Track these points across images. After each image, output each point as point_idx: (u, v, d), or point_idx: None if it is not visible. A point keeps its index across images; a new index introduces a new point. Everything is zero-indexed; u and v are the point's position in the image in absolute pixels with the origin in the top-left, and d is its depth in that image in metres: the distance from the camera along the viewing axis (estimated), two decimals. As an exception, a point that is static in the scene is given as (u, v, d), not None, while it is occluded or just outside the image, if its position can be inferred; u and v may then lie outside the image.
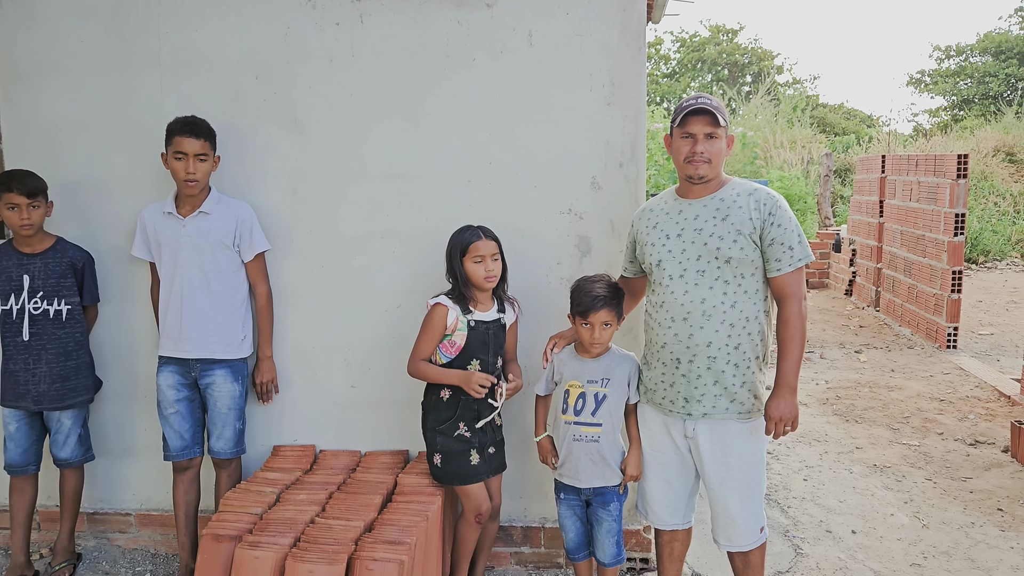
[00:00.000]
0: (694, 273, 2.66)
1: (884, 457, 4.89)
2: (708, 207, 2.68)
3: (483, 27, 3.25)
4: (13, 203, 3.14)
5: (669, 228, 2.74)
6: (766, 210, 2.62)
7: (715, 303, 2.63)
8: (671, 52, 31.02)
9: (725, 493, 2.74)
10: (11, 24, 3.41)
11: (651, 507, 2.92)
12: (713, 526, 2.86)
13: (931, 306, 7.88)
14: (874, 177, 9.67)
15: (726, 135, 2.68)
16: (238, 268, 3.30)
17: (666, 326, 2.70)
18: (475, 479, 3.05)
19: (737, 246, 2.61)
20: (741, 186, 2.70)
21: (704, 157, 2.62)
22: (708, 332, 2.63)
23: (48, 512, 3.69)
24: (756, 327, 2.66)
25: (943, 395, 6.14)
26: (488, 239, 2.96)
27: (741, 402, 2.67)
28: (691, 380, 2.68)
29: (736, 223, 2.62)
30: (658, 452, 2.85)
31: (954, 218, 7.49)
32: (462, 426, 3.02)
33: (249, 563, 2.66)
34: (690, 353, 2.66)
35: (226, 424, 3.29)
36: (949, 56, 25.99)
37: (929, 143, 17.11)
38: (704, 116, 2.61)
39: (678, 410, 2.72)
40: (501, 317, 3.06)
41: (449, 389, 3.01)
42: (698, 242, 2.66)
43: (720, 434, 2.70)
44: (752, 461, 2.73)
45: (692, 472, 2.84)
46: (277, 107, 3.36)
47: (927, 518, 4.05)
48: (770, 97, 20.20)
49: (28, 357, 3.25)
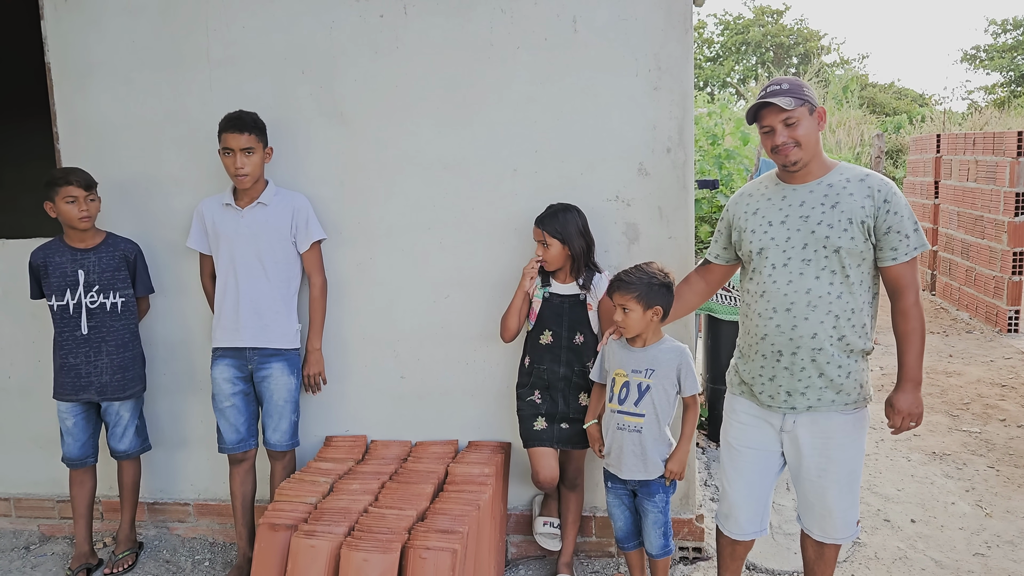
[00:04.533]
0: (799, 262, 2.54)
1: (944, 444, 4.76)
2: (815, 193, 2.55)
3: (526, 14, 3.22)
4: (72, 196, 3.22)
5: (772, 215, 2.61)
6: (880, 197, 2.48)
7: (821, 293, 2.51)
8: (715, 35, 30.54)
9: (824, 485, 2.62)
10: (65, 27, 3.49)
11: (732, 513, 2.79)
12: (805, 519, 2.74)
13: (991, 289, 7.64)
14: (928, 157, 9.40)
15: (812, 111, 2.52)
16: (294, 259, 3.34)
17: (767, 316, 2.59)
18: (535, 443, 3.13)
19: (848, 235, 2.48)
20: (851, 171, 2.56)
21: (789, 144, 2.50)
22: (813, 323, 2.52)
23: (110, 502, 3.79)
24: (862, 319, 2.55)
25: (1005, 380, 5.96)
26: (538, 226, 3.08)
27: (847, 393, 2.56)
28: (794, 373, 2.56)
29: (847, 211, 2.48)
30: (746, 448, 2.72)
31: (1015, 197, 7.24)
32: (536, 393, 3.14)
33: (305, 551, 2.70)
34: (793, 345, 2.55)
35: (282, 417, 3.34)
36: (1006, 30, 25.13)
37: (984, 121, 16.57)
38: (771, 107, 2.49)
39: (779, 404, 2.61)
40: (581, 294, 3.10)
41: (528, 357, 3.17)
42: (804, 230, 2.53)
43: (823, 426, 2.59)
44: (854, 453, 2.62)
45: (776, 472, 2.73)
46: (323, 100, 3.39)
47: (990, 507, 3.93)
48: (818, 79, 19.78)
49: (89, 350, 3.34)
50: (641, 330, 2.81)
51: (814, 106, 2.53)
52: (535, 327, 3.13)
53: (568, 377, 3.09)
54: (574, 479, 3.24)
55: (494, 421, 3.48)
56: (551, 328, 3.11)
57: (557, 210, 3.08)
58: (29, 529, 3.90)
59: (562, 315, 3.10)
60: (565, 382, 3.10)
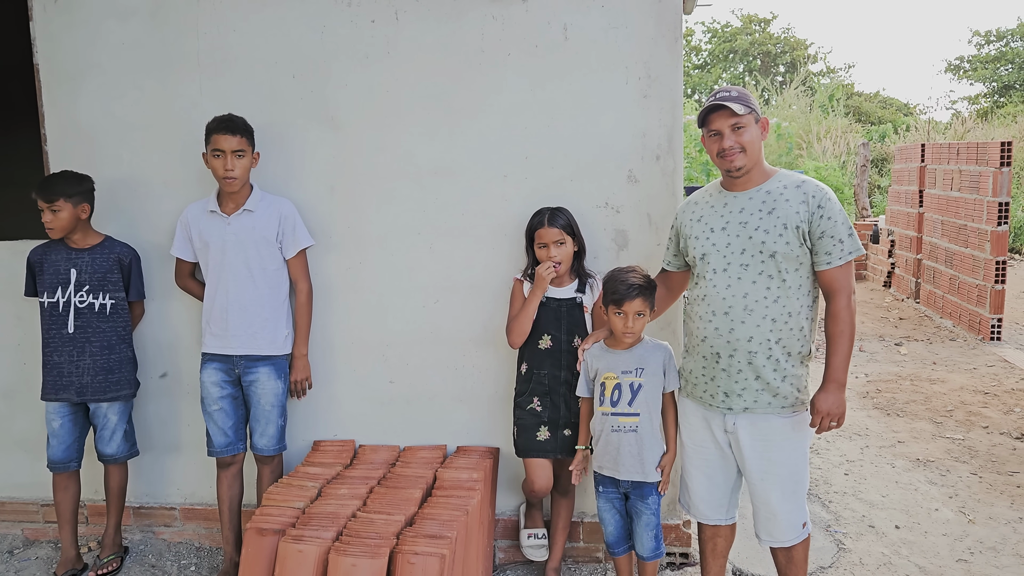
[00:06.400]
0: (738, 267, 2.62)
1: (927, 451, 4.81)
2: (754, 200, 2.64)
3: (518, 21, 3.24)
4: (40, 207, 3.25)
5: (714, 221, 2.70)
6: (815, 202, 2.56)
7: (757, 298, 2.59)
8: (702, 43, 30.72)
9: (766, 488, 2.70)
10: (54, 27, 3.47)
11: (692, 501, 2.89)
12: (755, 522, 2.83)
13: (974, 297, 7.73)
14: (913, 166, 9.49)
15: (756, 120, 2.62)
16: (281, 265, 3.33)
17: (707, 320, 2.67)
18: (538, 454, 3.13)
19: (783, 240, 2.56)
20: (788, 178, 2.65)
21: (736, 148, 2.58)
22: (749, 327, 2.60)
23: (96, 506, 3.77)
24: (799, 322, 2.61)
25: (987, 388, 6.02)
26: (551, 226, 3.05)
27: (784, 396, 2.63)
28: (731, 375, 2.64)
29: (783, 216, 2.57)
30: (698, 446, 2.82)
31: (997, 207, 7.33)
32: (535, 401, 3.12)
33: (293, 556, 2.69)
34: (730, 348, 2.63)
35: (269, 421, 3.33)
36: (989, 41, 25.44)
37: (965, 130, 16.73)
38: (723, 111, 2.57)
39: (718, 404, 2.69)
40: (578, 296, 3.11)
41: (525, 363, 3.15)
42: (743, 236, 2.62)
43: (761, 428, 2.66)
44: (794, 456, 2.69)
45: (733, 467, 2.80)
46: (314, 105, 3.39)
47: (973, 513, 3.97)
48: (804, 87, 19.92)
49: (72, 349, 3.32)
50: (641, 333, 2.87)
51: (759, 116, 2.64)
52: (533, 332, 3.12)
53: (569, 381, 3.10)
54: (567, 486, 3.24)
55: (483, 426, 3.49)
56: (550, 332, 3.11)
57: (555, 209, 3.10)
58: (13, 533, 3.86)
59: (560, 319, 3.11)
60: (566, 386, 3.10)
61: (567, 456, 3.14)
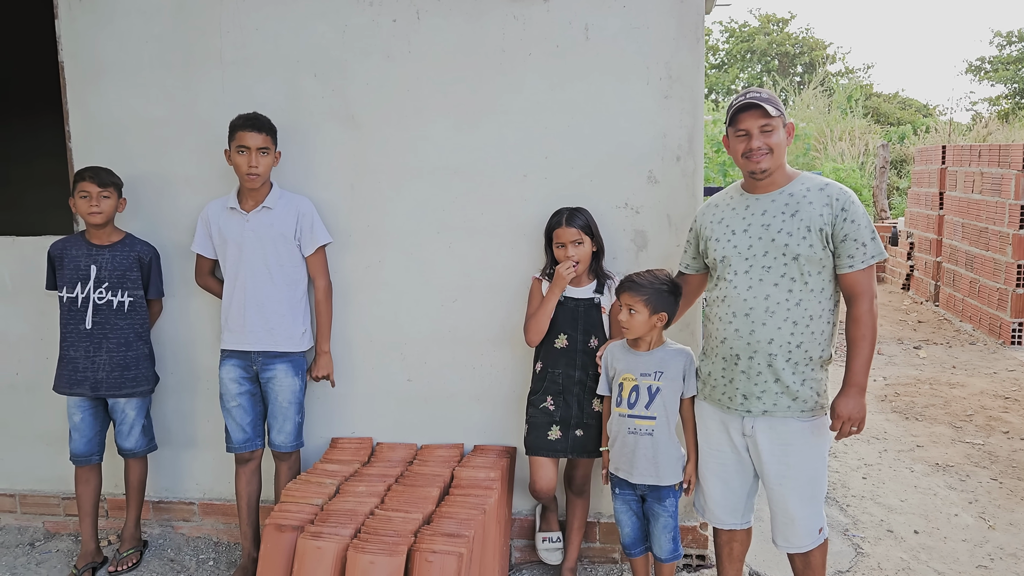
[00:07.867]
0: (759, 269, 2.61)
1: (947, 456, 4.77)
2: (776, 202, 2.63)
3: (539, 21, 3.24)
4: (85, 191, 3.26)
5: (735, 223, 2.69)
6: (839, 205, 2.55)
7: (779, 300, 2.58)
8: (720, 43, 30.58)
9: (784, 493, 2.68)
10: (79, 26, 3.50)
11: (708, 506, 2.88)
12: (772, 527, 2.81)
13: (994, 301, 7.65)
14: (934, 168, 9.41)
15: (783, 124, 2.62)
16: (300, 262, 3.35)
17: (727, 321, 2.66)
18: (545, 453, 3.12)
19: (806, 243, 2.55)
20: (811, 180, 2.63)
21: (763, 150, 2.57)
22: (770, 329, 2.58)
23: (115, 500, 3.80)
24: (820, 326, 2.60)
25: (1008, 392, 5.96)
26: (570, 226, 3.05)
27: (803, 400, 2.61)
28: (751, 377, 2.63)
29: (806, 219, 2.56)
30: (715, 450, 2.80)
31: (1019, 210, 7.25)
32: (549, 399, 3.12)
33: (311, 553, 2.70)
34: (750, 350, 2.61)
35: (287, 418, 3.35)
36: (1011, 42, 25.17)
37: (987, 132, 16.56)
38: (755, 111, 2.56)
39: (736, 407, 2.68)
40: (596, 297, 3.11)
41: (540, 362, 3.15)
42: (765, 238, 2.61)
43: (780, 432, 2.65)
44: (813, 461, 2.68)
45: (750, 472, 2.79)
46: (335, 104, 3.40)
47: (993, 519, 3.94)
48: (823, 87, 19.80)
49: (89, 345, 3.35)
50: (643, 333, 2.84)
51: (786, 120, 2.64)
52: (549, 331, 3.14)
53: (583, 381, 3.10)
54: (581, 485, 3.25)
55: (500, 425, 3.49)
56: (566, 332, 3.11)
57: (574, 209, 3.09)
58: (34, 526, 3.90)
59: (577, 319, 3.11)
60: (580, 386, 3.10)
61: (578, 456, 3.13)
